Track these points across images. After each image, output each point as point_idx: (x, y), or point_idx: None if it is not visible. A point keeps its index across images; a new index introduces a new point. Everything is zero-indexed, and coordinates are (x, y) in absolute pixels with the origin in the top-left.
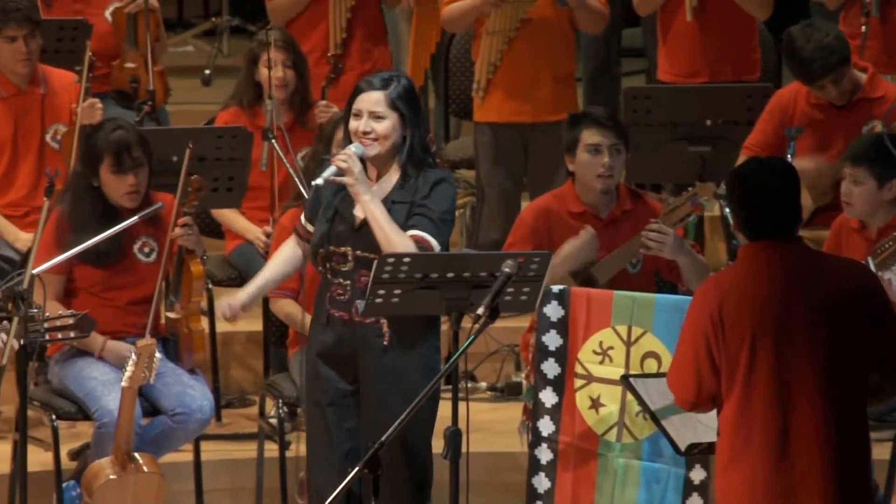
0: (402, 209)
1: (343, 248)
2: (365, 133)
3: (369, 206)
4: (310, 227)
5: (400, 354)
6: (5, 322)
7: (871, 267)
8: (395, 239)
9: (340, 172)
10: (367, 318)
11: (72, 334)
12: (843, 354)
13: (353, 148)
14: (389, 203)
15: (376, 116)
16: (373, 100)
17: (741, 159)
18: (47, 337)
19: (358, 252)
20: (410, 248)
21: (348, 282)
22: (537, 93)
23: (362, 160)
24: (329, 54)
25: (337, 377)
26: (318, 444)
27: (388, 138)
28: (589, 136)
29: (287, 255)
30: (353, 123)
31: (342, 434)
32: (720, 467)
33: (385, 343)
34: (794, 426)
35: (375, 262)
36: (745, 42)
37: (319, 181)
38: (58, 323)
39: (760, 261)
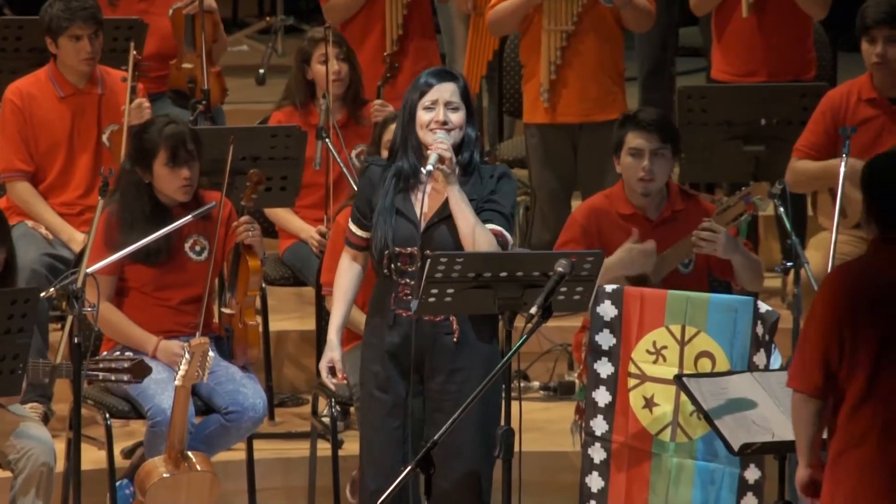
0: (473, 205)
1: (410, 249)
2: (443, 123)
3: (457, 197)
4: (360, 233)
5: (469, 352)
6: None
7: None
8: (479, 231)
9: (441, 160)
10: (438, 316)
11: (125, 378)
12: None
13: (444, 135)
14: None
15: (453, 107)
16: (448, 90)
17: (792, 161)
18: (100, 377)
19: (426, 252)
20: (492, 241)
21: (415, 281)
22: (586, 93)
23: None
24: (385, 53)
25: (399, 376)
26: (376, 445)
27: (461, 130)
28: (632, 139)
29: (349, 281)
30: (427, 115)
31: (401, 434)
32: (831, 458)
33: (455, 340)
34: None
35: (428, 261)
36: (802, 41)
37: (430, 167)
38: (113, 365)
39: (893, 256)
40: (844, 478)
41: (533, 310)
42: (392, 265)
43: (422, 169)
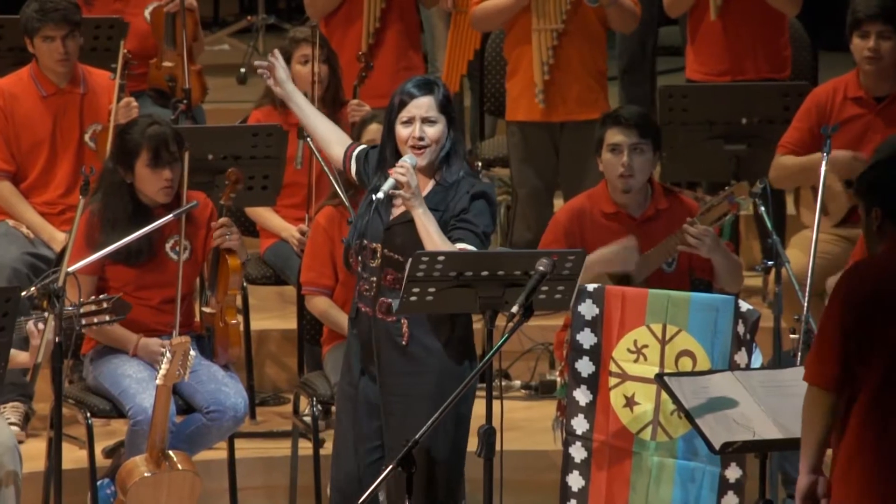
0: (435, 216)
1: (374, 245)
2: (420, 139)
3: (422, 220)
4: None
5: (418, 355)
6: (38, 315)
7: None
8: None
9: (398, 185)
10: (389, 317)
11: (107, 318)
12: None
13: (408, 160)
14: None
15: (429, 122)
16: (424, 105)
17: (776, 158)
18: (83, 322)
19: (385, 251)
20: None
21: (374, 278)
22: (568, 92)
23: None
24: (359, 53)
25: (360, 372)
26: (343, 438)
27: (439, 143)
28: (611, 136)
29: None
30: (405, 131)
31: (368, 429)
32: (844, 457)
33: (403, 343)
34: None
35: (410, 260)
36: (774, 40)
37: (380, 195)
38: (93, 307)
39: None
40: (860, 479)
41: (514, 309)
42: (358, 257)
43: (373, 196)
